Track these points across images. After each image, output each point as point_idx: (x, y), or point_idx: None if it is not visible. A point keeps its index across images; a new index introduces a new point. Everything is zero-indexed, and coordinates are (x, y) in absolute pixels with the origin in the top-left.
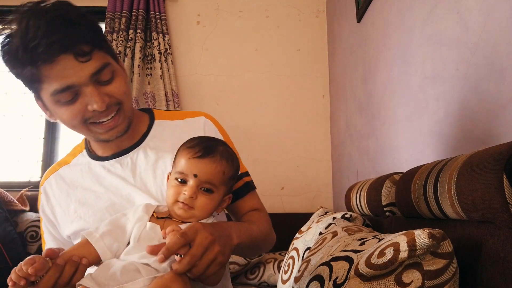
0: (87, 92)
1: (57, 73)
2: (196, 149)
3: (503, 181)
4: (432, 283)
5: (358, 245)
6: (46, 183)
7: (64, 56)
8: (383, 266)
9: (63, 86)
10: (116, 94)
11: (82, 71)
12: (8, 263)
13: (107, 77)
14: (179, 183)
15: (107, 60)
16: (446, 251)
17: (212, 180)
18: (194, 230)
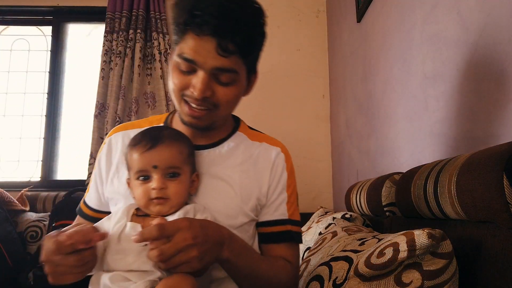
0: (200, 76)
1: (194, 45)
2: (143, 143)
3: (503, 181)
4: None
5: (357, 245)
6: (113, 137)
7: (210, 38)
8: (383, 266)
9: (189, 57)
10: (220, 97)
11: (211, 59)
12: (8, 263)
13: (226, 80)
14: (142, 181)
15: (238, 69)
16: (446, 251)
17: (174, 163)
18: (175, 227)
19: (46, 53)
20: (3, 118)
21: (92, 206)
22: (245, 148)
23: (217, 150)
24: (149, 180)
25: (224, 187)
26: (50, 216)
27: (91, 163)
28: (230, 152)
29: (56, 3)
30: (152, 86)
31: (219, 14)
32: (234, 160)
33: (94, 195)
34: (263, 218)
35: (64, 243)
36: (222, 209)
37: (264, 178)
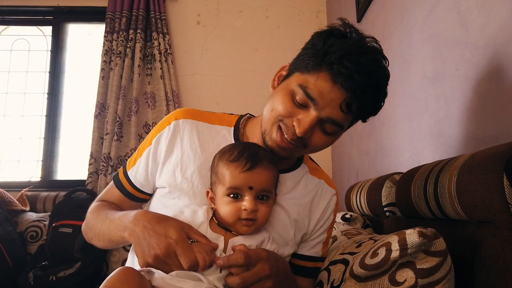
0: (310, 115)
1: (324, 88)
2: (242, 161)
3: (503, 181)
4: (425, 281)
5: (355, 247)
6: (182, 121)
7: (342, 90)
8: (376, 266)
9: (312, 95)
10: (314, 142)
11: (331, 109)
12: (8, 263)
13: (329, 130)
14: (233, 199)
15: (344, 125)
16: (439, 249)
17: (267, 187)
18: (257, 257)
19: (46, 53)
20: (3, 118)
21: (136, 184)
22: (305, 183)
23: (283, 177)
24: (240, 199)
25: (283, 216)
26: (50, 216)
27: (91, 163)
28: (293, 184)
29: (56, 3)
30: (152, 86)
31: (366, 75)
32: (295, 192)
33: (142, 173)
34: (299, 251)
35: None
36: (277, 238)
37: (314, 216)
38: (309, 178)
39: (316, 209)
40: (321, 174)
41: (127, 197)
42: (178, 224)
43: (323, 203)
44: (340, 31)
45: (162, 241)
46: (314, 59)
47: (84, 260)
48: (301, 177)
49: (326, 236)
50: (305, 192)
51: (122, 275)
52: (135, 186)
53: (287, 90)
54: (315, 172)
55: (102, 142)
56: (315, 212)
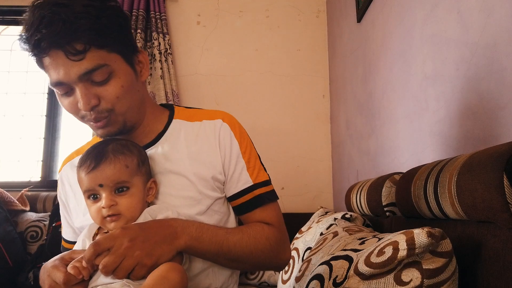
0: (75, 91)
1: (51, 67)
2: (87, 163)
3: (503, 181)
4: (431, 281)
5: (358, 244)
6: (62, 171)
7: (55, 51)
8: (382, 264)
9: (55, 81)
10: (107, 97)
11: (72, 69)
12: (8, 263)
13: (100, 78)
14: (93, 200)
15: (104, 61)
16: (445, 250)
17: (120, 178)
18: (110, 238)
19: None
20: (3, 118)
21: (69, 239)
22: (186, 134)
23: (158, 147)
24: (98, 199)
25: (178, 179)
26: (50, 216)
27: None
28: (172, 144)
29: None
30: (152, 86)
31: (49, 23)
32: (179, 149)
33: (67, 229)
34: (230, 193)
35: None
36: (183, 201)
37: (215, 156)
38: (189, 127)
39: (211, 150)
40: (201, 114)
41: None
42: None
43: (214, 139)
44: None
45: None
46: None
47: None
48: (178, 132)
49: (245, 162)
50: (189, 143)
51: None
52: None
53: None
54: (195, 117)
55: None
56: (213, 153)
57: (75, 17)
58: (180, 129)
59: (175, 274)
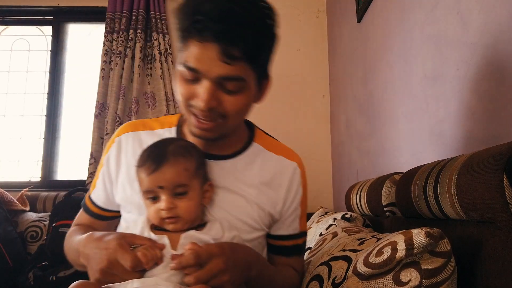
0: (204, 85)
1: (197, 53)
2: (148, 163)
3: (503, 181)
4: (429, 282)
5: (357, 245)
6: (123, 136)
7: (213, 44)
8: (381, 265)
9: (192, 66)
10: (227, 107)
11: (216, 68)
12: (8, 263)
13: (232, 88)
14: (152, 201)
15: (245, 77)
16: (444, 250)
17: (180, 181)
18: (209, 255)
19: (46, 53)
20: (3, 118)
21: (99, 204)
22: (262, 162)
23: (232, 162)
24: (158, 200)
25: (241, 202)
26: (50, 216)
27: (91, 163)
28: (246, 167)
29: (56, 3)
30: (152, 86)
31: (221, 18)
32: (250, 175)
33: (101, 193)
34: (276, 232)
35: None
36: (242, 226)
37: (279, 195)
38: (266, 156)
39: (279, 188)
40: (279, 149)
41: (95, 218)
42: (118, 235)
43: (286, 180)
44: None
45: (103, 254)
46: (180, 34)
47: None
48: (255, 156)
49: (301, 210)
50: (263, 172)
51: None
52: (100, 206)
53: (177, 74)
54: (273, 147)
55: (102, 142)
56: (279, 192)
57: (249, 25)
58: (257, 155)
59: None
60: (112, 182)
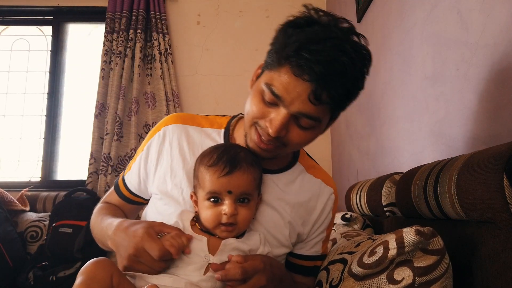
0: (281, 114)
1: (288, 83)
2: (221, 166)
3: (503, 181)
4: (423, 279)
5: (353, 247)
6: (171, 127)
7: (308, 84)
8: (374, 264)
9: (277, 93)
10: (292, 138)
11: (299, 103)
12: (8, 263)
13: (305, 125)
14: (213, 203)
15: (323, 118)
16: (437, 247)
17: (248, 190)
18: (254, 270)
19: (46, 53)
20: (3, 118)
21: (131, 188)
22: (301, 182)
23: (276, 178)
24: (220, 203)
25: (276, 217)
26: (50, 216)
27: (91, 163)
28: (288, 184)
29: (56, 3)
30: (152, 86)
31: (326, 64)
32: (290, 192)
33: (135, 178)
34: (298, 252)
35: (168, 255)
36: (271, 239)
37: (311, 218)
38: (305, 177)
39: (314, 209)
40: (318, 172)
41: (125, 200)
42: (147, 224)
43: (321, 203)
44: (301, 20)
45: (131, 241)
46: (276, 54)
47: (84, 260)
48: (296, 176)
49: (326, 234)
50: (300, 192)
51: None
52: (131, 191)
53: (257, 90)
54: (312, 170)
55: (102, 142)
56: (313, 213)
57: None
58: (298, 175)
59: None
60: (148, 170)
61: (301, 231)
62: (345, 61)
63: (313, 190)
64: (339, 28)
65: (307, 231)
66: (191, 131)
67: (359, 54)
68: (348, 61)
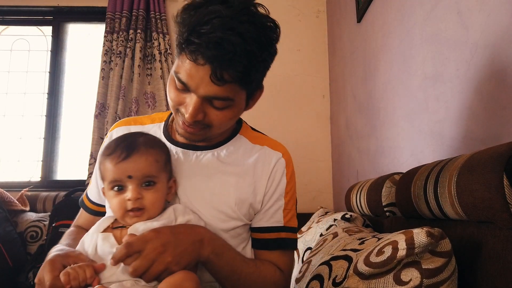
0: (192, 100)
1: (189, 69)
2: (118, 152)
3: (503, 181)
4: (430, 281)
5: (357, 244)
6: (115, 131)
7: (207, 66)
8: (382, 264)
9: (183, 80)
10: (213, 119)
11: (205, 87)
12: (8, 263)
13: (219, 105)
14: (117, 191)
15: (234, 96)
16: (445, 249)
17: (150, 172)
18: (143, 241)
19: (46, 53)
20: (3, 118)
21: (93, 199)
22: (244, 152)
23: (215, 152)
24: (123, 191)
25: (219, 190)
26: (50, 216)
27: (91, 163)
28: (228, 156)
29: (56, 3)
30: (152, 86)
31: (215, 45)
32: (232, 164)
33: (94, 189)
34: (258, 224)
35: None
36: (214, 212)
37: (260, 185)
38: (249, 147)
39: (260, 177)
40: (265, 140)
41: (92, 214)
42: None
43: (267, 169)
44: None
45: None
46: (177, 42)
47: None
48: (238, 147)
49: (284, 202)
50: (244, 161)
51: None
52: (94, 202)
53: (171, 78)
54: (257, 140)
55: (102, 142)
56: (260, 181)
57: (242, 53)
58: (241, 146)
59: (191, 284)
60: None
61: (252, 201)
62: (233, 40)
63: (259, 157)
64: (230, 5)
65: (260, 200)
66: (132, 130)
67: (253, 27)
68: (238, 38)
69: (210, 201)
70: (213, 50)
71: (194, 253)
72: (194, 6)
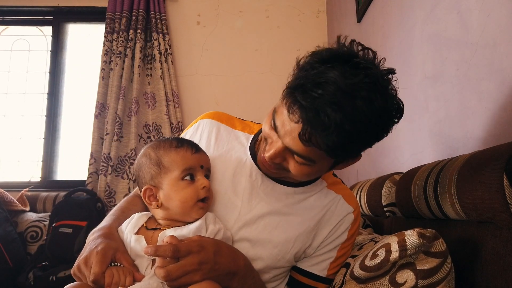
0: (278, 141)
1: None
2: (189, 145)
3: (503, 181)
4: (426, 282)
5: (356, 250)
6: (206, 121)
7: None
8: (376, 267)
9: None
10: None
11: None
12: (8, 263)
13: (299, 160)
14: (189, 181)
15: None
16: (439, 250)
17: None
18: (187, 251)
19: (46, 53)
20: (3, 118)
21: None
22: (319, 196)
23: (292, 190)
24: (193, 182)
25: (283, 226)
26: (50, 216)
27: (91, 163)
28: (303, 196)
29: (56, 3)
30: (152, 86)
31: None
32: (303, 204)
33: None
34: (300, 265)
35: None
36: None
37: (322, 232)
38: (324, 192)
39: (327, 224)
40: (340, 189)
41: None
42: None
43: (335, 220)
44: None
45: (89, 251)
46: (288, 81)
47: None
48: (315, 191)
49: (336, 256)
50: (316, 205)
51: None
52: None
53: (271, 112)
54: (334, 186)
55: (102, 142)
56: (325, 227)
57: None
58: (317, 189)
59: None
60: None
61: (309, 245)
62: (333, 116)
63: (331, 205)
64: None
65: (316, 246)
66: (222, 129)
67: (367, 105)
68: (339, 115)
69: (274, 234)
70: (310, 115)
71: (223, 283)
72: (319, 59)
